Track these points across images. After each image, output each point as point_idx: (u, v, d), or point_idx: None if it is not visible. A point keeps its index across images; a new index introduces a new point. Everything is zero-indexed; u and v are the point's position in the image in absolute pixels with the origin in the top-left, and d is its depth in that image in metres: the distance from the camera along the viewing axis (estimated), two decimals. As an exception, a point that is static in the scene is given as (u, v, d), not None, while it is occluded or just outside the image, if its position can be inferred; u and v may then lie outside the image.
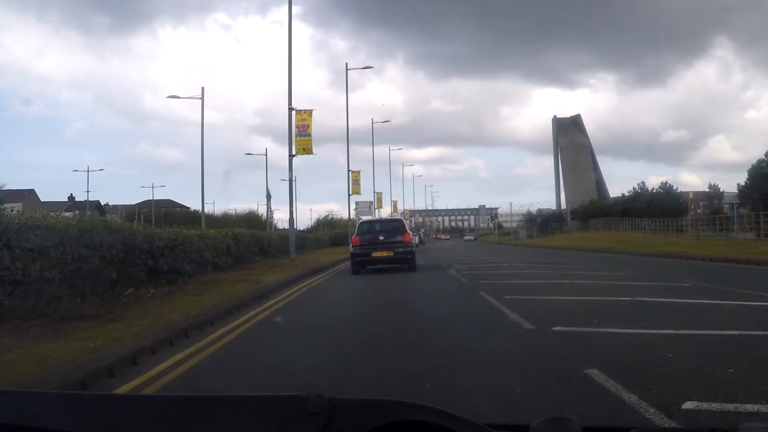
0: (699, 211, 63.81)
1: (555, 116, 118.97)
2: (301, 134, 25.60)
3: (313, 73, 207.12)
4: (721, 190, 57.19)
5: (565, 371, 5.16)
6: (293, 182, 25.47)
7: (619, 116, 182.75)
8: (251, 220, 72.38)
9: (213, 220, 74.20)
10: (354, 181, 48.13)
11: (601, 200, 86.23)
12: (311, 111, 26.00)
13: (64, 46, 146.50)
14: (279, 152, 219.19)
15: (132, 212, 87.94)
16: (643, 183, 71.89)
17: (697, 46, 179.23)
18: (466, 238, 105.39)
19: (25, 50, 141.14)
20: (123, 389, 5.05)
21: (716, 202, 55.20)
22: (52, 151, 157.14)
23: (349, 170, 46.93)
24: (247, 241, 24.09)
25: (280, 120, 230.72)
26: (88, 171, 69.54)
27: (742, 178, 44.13)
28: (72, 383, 4.92)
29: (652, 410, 3.82)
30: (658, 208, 54.65)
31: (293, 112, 25.85)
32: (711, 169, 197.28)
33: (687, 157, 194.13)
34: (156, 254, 13.99)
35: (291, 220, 25.81)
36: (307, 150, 25.57)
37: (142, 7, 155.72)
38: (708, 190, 59.69)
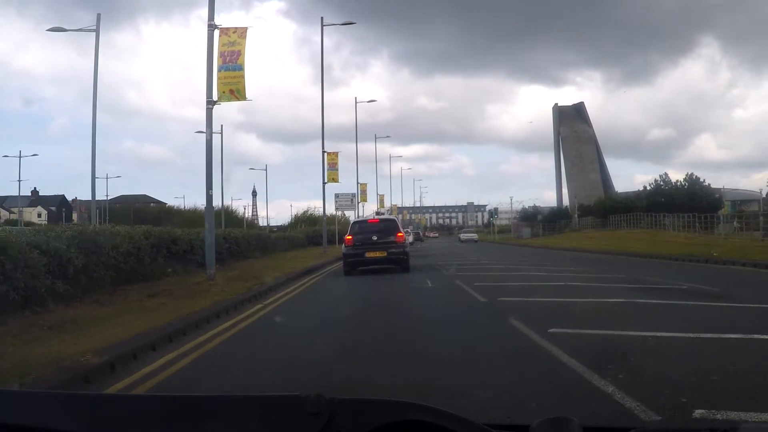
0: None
1: (556, 104, 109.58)
2: (227, 67, 15.34)
3: (297, 69, 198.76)
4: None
5: None
6: (222, 163, 15.20)
7: (605, 114, 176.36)
8: (224, 216, 67.69)
9: (183, 215, 65.79)
10: (330, 166, 37.48)
11: (607, 194, 77.07)
12: (245, 30, 15.73)
13: (46, 42, 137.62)
14: (265, 148, 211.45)
15: (97, 208, 78.73)
16: (666, 174, 62.28)
17: (683, 45, 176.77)
18: (464, 236, 71.98)
19: (6, 45, 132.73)
20: None
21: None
22: (31, 147, 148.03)
23: (324, 151, 36.42)
24: (128, 245, 13.77)
25: (263, 116, 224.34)
26: (20, 156, 58.43)
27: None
28: None
29: None
30: (703, 203, 44.80)
31: (215, 32, 15.61)
32: (697, 168, 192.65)
33: (673, 156, 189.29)
34: None
35: (208, 209, 15.55)
36: (237, 94, 15.30)
37: (125, 3, 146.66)
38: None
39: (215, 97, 15.29)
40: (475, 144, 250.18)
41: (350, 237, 18.95)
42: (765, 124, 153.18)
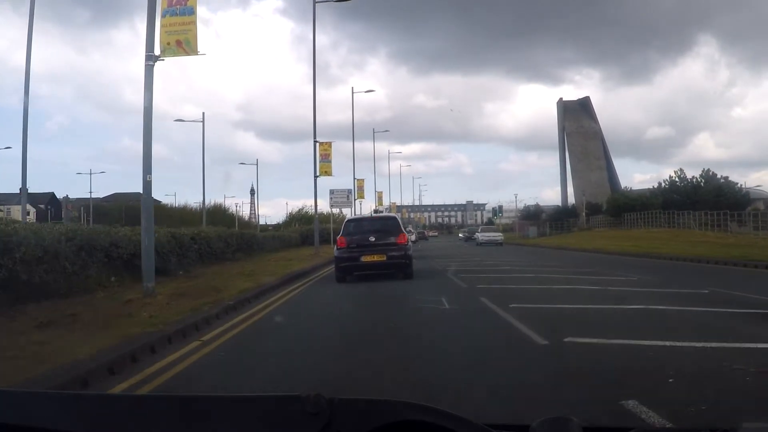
0: None
1: (561, 99, 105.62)
2: (174, 11, 11.53)
3: (295, 68, 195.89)
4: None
5: None
6: (203, 157, 11.38)
7: (604, 113, 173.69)
8: (216, 214, 63.50)
9: (175, 213, 62.68)
10: (323, 157, 33.62)
11: (615, 192, 73.45)
12: (199, -37, 11.87)
13: (43, 39, 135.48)
14: (264, 147, 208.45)
15: (84, 206, 76.21)
16: (681, 171, 58.57)
17: (682, 44, 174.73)
18: (483, 237, 50.97)
19: (3, 43, 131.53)
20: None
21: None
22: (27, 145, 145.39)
23: (315, 141, 32.61)
24: (32, 250, 9.91)
25: (262, 115, 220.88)
26: (-7, 150, 54.37)
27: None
28: None
29: None
30: (730, 199, 41.02)
31: (159, -34, 11.77)
32: (695, 167, 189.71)
33: (671, 155, 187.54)
34: None
35: (145, 200, 11.73)
36: (186, 46, 11.48)
37: (122, 1, 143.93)
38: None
39: (157, 52, 11.47)
40: (473, 142, 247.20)
41: (343, 238, 16.55)
42: (764, 123, 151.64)
